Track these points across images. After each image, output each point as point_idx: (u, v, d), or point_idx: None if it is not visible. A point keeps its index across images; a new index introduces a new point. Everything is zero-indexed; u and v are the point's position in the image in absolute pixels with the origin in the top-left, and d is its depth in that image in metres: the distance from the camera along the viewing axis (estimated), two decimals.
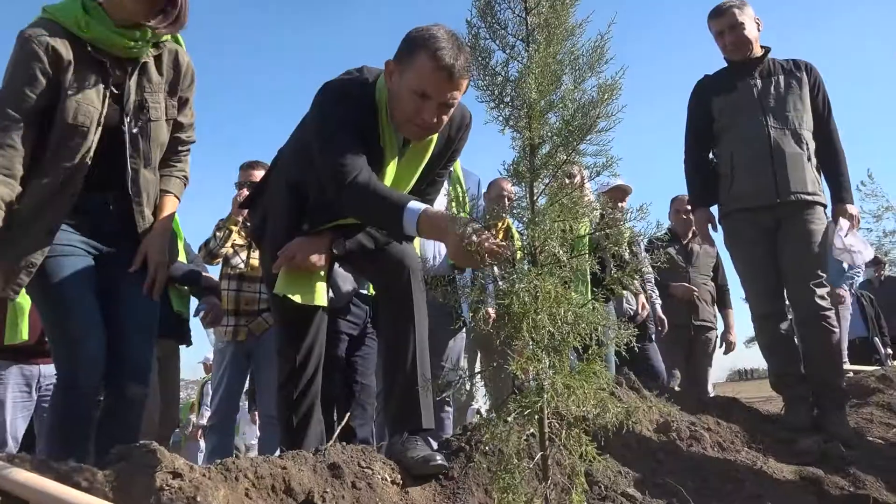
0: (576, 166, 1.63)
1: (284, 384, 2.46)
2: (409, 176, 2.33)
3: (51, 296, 2.21)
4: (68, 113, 2.16)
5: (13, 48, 2.17)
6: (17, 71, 2.14)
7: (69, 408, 2.20)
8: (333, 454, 2.07)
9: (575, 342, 1.63)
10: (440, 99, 2.07)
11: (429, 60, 2.02)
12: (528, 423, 1.67)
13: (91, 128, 2.21)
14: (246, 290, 3.98)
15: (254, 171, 4.08)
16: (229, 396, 4.04)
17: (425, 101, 2.07)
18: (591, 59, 1.57)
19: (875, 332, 7.80)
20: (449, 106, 2.11)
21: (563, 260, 1.62)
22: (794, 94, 3.57)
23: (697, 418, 3.23)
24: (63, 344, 2.22)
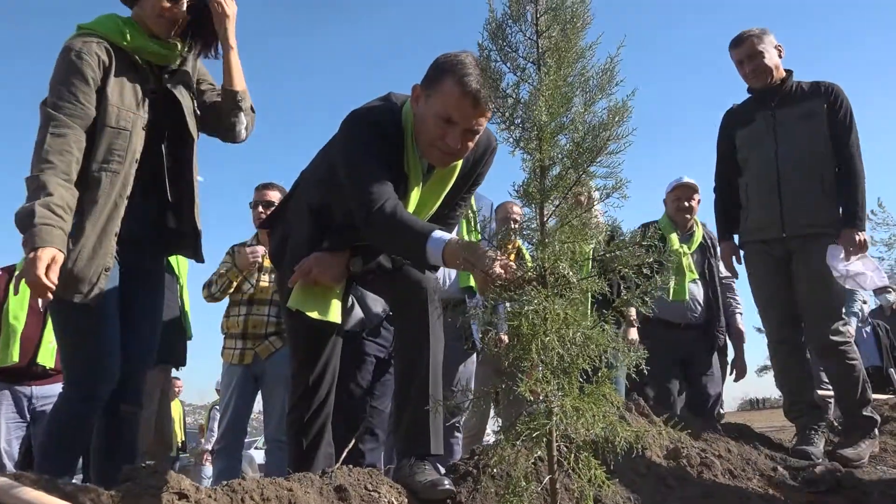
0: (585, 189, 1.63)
1: (296, 405, 2.44)
2: (432, 201, 2.34)
3: (82, 311, 2.20)
4: (111, 117, 2.22)
5: (61, 58, 2.22)
6: (71, 79, 2.17)
7: (82, 418, 2.22)
8: (340, 477, 2.05)
9: (584, 364, 1.61)
10: (466, 125, 2.08)
11: (455, 86, 2.03)
12: (537, 447, 1.65)
13: (133, 131, 2.27)
14: (254, 313, 3.98)
15: (268, 192, 4.13)
16: (236, 420, 4.02)
17: (451, 126, 2.08)
18: (601, 82, 1.58)
19: (890, 362, 7.69)
20: (475, 132, 2.12)
21: (573, 281, 1.61)
22: (810, 122, 3.55)
23: (708, 445, 3.18)
24: (85, 359, 2.23)
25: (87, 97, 2.19)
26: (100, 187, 2.19)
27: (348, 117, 2.25)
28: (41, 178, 2.05)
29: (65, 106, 2.15)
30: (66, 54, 2.21)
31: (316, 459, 2.41)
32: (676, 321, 4.46)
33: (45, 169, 2.06)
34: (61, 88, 2.17)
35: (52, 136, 2.09)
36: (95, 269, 2.17)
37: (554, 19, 1.57)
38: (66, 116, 2.14)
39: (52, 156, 2.08)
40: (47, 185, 2.04)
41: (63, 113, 2.13)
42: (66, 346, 2.33)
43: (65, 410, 2.25)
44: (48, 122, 2.11)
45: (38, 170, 2.07)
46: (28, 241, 1.97)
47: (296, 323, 2.37)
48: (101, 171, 2.20)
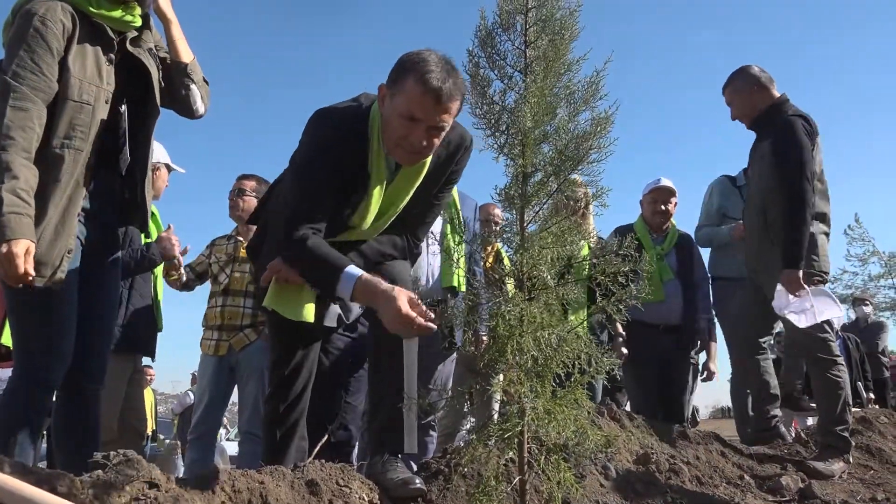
0: (581, 188, 1.66)
1: (272, 397, 2.45)
2: (401, 198, 2.32)
3: (41, 295, 2.10)
4: (73, 90, 2.09)
5: (22, 22, 2.05)
6: (35, 48, 2.02)
7: (37, 402, 2.15)
8: (312, 471, 2.06)
9: (557, 368, 1.65)
10: (430, 122, 2.07)
11: (417, 84, 2.02)
12: (508, 447, 1.69)
13: (96, 105, 2.16)
14: (230, 304, 3.97)
15: (245, 182, 4.12)
16: (211, 411, 4.01)
17: (415, 124, 2.07)
18: (586, 94, 1.61)
19: (858, 376, 7.84)
20: (439, 129, 2.11)
21: (551, 285, 1.65)
22: (764, 161, 3.58)
23: (678, 451, 3.24)
24: (38, 339, 2.14)
25: (50, 69, 2.03)
26: (63, 165, 2.07)
27: (313, 116, 2.24)
28: (4, 157, 1.91)
29: (28, 77, 1.99)
30: (27, 19, 2.03)
31: (289, 452, 2.42)
32: (655, 323, 4.40)
33: (7, 146, 1.92)
34: (24, 56, 2.00)
35: (12, 110, 1.95)
36: (58, 252, 2.08)
37: (543, 31, 1.61)
38: (29, 89, 1.98)
39: (13, 132, 1.93)
40: (11, 167, 1.92)
41: (26, 84, 1.98)
42: (20, 329, 2.20)
43: (17, 395, 2.16)
44: (8, 92, 1.96)
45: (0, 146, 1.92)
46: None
47: (273, 318, 2.38)
48: (64, 147, 2.07)
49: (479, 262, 3.61)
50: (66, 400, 2.32)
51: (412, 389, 2.26)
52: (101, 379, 2.39)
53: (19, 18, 2.08)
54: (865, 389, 7.83)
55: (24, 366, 2.17)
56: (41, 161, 2.03)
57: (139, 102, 2.36)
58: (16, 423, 2.13)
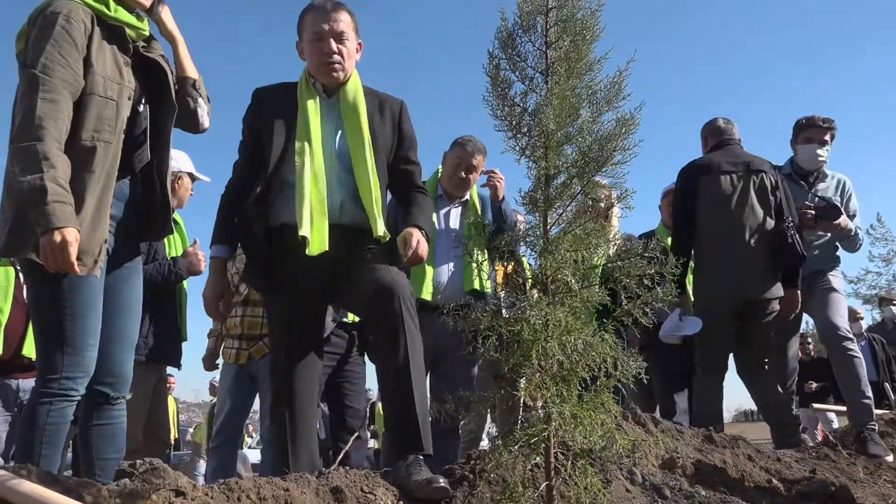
0: (604, 190, 1.64)
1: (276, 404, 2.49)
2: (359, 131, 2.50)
3: (66, 298, 2.12)
4: (98, 86, 2.13)
5: (46, 20, 2.08)
6: (62, 42, 2.05)
7: (61, 413, 2.14)
8: (336, 478, 2.06)
9: (583, 372, 1.62)
10: (330, 31, 2.46)
11: (307, 13, 2.52)
12: (535, 453, 1.66)
13: (120, 102, 2.19)
14: (249, 314, 3.99)
15: None
16: (232, 419, 4.02)
17: (321, 42, 2.47)
18: (608, 94, 1.59)
19: (886, 377, 7.70)
20: (339, 35, 2.47)
21: (575, 289, 1.63)
22: None
23: (703, 455, 3.19)
24: (63, 349, 2.12)
25: (76, 64, 2.07)
26: (95, 157, 2.10)
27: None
28: (40, 147, 1.93)
29: (57, 70, 2.02)
30: (52, 17, 2.08)
31: (298, 458, 2.44)
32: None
33: (42, 136, 1.94)
34: (52, 51, 2.04)
35: (43, 101, 1.97)
36: (97, 241, 2.10)
37: (564, 31, 1.59)
38: (59, 81, 2.01)
39: (46, 122, 1.96)
40: (49, 156, 1.93)
41: (55, 77, 2.01)
42: (45, 339, 2.17)
43: (42, 406, 2.13)
44: (37, 85, 1.99)
45: (33, 137, 1.94)
46: (43, 220, 1.89)
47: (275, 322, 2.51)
48: (95, 140, 2.10)
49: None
50: (90, 410, 2.33)
51: (423, 394, 2.26)
52: (125, 388, 2.40)
53: (42, 19, 2.11)
54: (893, 391, 7.68)
55: (48, 376, 2.15)
56: (73, 154, 2.06)
57: (155, 102, 2.40)
58: (41, 434, 2.12)
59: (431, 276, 3.37)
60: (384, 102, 2.63)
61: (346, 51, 2.50)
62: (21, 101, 2.01)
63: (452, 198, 3.64)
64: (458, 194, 3.63)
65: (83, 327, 2.14)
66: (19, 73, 2.08)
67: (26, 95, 2.00)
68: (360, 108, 2.53)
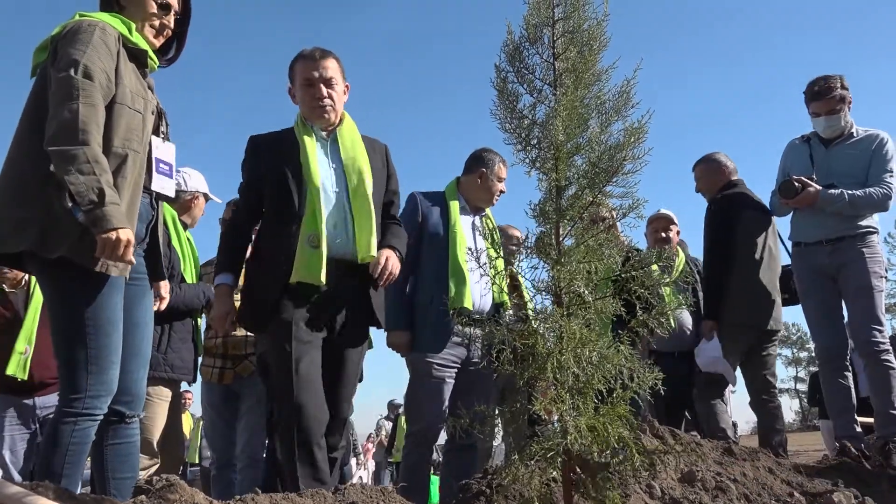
0: (604, 208, 1.64)
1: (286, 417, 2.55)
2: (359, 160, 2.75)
3: (89, 316, 2.12)
4: (126, 98, 2.20)
5: (84, 31, 2.14)
6: (100, 51, 2.13)
7: (84, 433, 2.13)
8: (353, 493, 2.05)
9: (599, 385, 1.61)
10: (320, 78, 2.69)
11: (297, 62, 2.77)
12: (551, 467, 1.64)
13: (145, 115, 2.27)
14: (232, 333, 3.91)
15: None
16: (223, 439, 3.98)
17: (311, 87, 2.70)
18: (617, 104, 1.59)
19: None
20: (328, 81, 2.71)
21: (588, 300, 1.62)
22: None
23: (723, 468, 3.14)
24: (87, 367, 2.11)
25: (111, 72, 2.16)
26: (127, 163, 2.16)
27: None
28: (88, 151, 1.99)
29: (96, 74, 2.09)
30: (89, 27, 2.15)
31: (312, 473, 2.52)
32: (669, 351, 4.48)
33: (88, 140, 2.00)
34: (92, 56, 2.10)
35: (85, 106, 2.03)
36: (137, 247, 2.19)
37: (571, 42, 1.59)
38: (97, 86, 2.08)
39: (90, 126, 2.02)
40: (98, 160, 2.01)
41: (95, 82, 2.07)
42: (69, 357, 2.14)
43: (66, 425, 2.11)
44: (78, 90, 2.04)
45: (79, 140, 1.99)
46: (103, 221, 1.94)
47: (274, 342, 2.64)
48: (126, 148, 2.17)
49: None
50: (105, 429, 2.32)
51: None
52: (139, 407, 2.40)
53: (77, 30, 2.16)
54: None
55: (72, 395, 2.14)
56: (108, 159, 2.11)
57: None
58: (63, 453, 2.10)
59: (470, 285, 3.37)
60: (373, 143, 2.91)
61: (335, 94, 2.75)
62: (60, 103, 2.03)
63: (476, 210, 3.65)
64: (485, 206, 3.66)
65: (107, 346, 2.15)
66: (53, 78, 2.10)
67: (66, 99, 2.02)
68: (358, 146, 2.79)
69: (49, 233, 2.04)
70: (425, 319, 3.36)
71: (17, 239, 2.04)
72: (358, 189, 2.70)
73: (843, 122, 3.93)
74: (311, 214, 2.60)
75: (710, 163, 4.38)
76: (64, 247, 2.03)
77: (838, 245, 3.84)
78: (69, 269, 2.06)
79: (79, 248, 2.02)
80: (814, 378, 9.00)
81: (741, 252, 4.05)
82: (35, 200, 2.07)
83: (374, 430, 11.57)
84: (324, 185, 2.67)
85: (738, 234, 4.07)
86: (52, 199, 2.03)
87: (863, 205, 3.81)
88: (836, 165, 3.92)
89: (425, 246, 3.48)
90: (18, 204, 2.08)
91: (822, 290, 3.91)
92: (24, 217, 2.06)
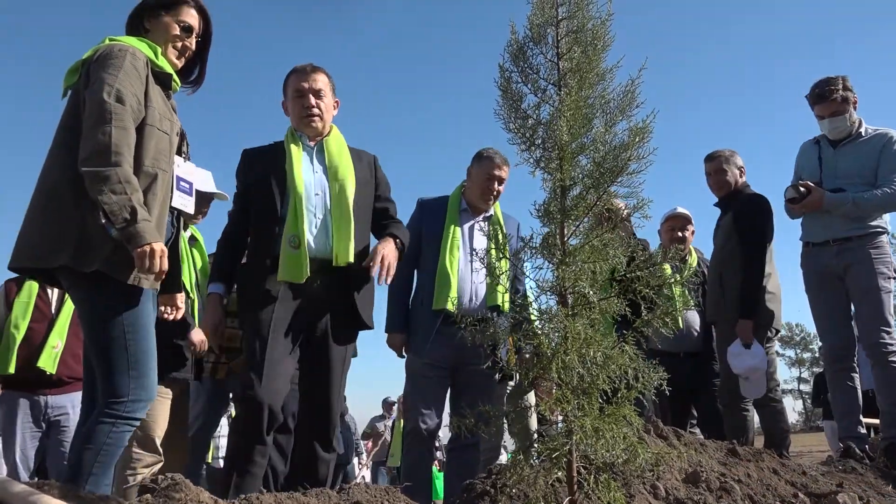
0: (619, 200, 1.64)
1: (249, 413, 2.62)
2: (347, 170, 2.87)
3: (128, 322, 2.17)
4: (155, 119, 2.29)
5: (116, 55, 2.24)
6: (131, 75, 2.23)
7: (119, 436, 2.15)
8: (357, 493, 2.05)
9: (604, 385, 1.60)
10: (308, 89, 2.87)
11: (290, 76, 2.95)
12: (556, 467, 1.64)
13: (171, 136, 2.35)
14: (228, 325, 3.84)
15: None
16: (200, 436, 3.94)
17: (301, 98, 2.88)
18: (621, 103, 1.59)
19: None
20: (317, 92, 2.89)
21: (593, 301, 1.61)
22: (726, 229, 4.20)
23: (728, 469, 3.13)
24: (129, 372, 2.15)
25: (141, 95, 2.26)
26: (157, 182, 2.25)
27: None
28: (121, 172, 2.09)
29: (127, 98, 2.19)
30: (121, 52, 2.25)
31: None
32: (675, 351, 4.44)
33: (120, 162, 2.11)
34: (124, 81, 2.21)
35: (117, 129, 2.13)
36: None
37: (575, 41, 1.59)
38: (128, 110, 2.17)
39: (122, 148, 2.12)
40: (130, 180, 2.11)
41: (126, 105, 2.17)
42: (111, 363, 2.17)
43: (103, 429, 2.11)
44: (111, 114, 2.14)
45: (112, 162, 2.09)
46: (138, 237, 2.06)
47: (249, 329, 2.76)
48: (155, 167, 2.26)
49: (522, 281, 3.61)
50: None
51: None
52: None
53: (109, 54, 2.24)
54: None
55: (114, 399, 2.14)
56: (139, 178, 2.21)
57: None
58: (96, 453, 2.10)
59: (456, 287, 3.41)
60: (360, 154, 3.04)
61: (323, 105, 2.92)
62: (94, 126, 2.12)
63: (478, 211, 3.66)
64: (485, 207, 3.66)
65: (145, 350, 2.21)
66: (87, 101, 2.19)
67: (100, 122, 2.13)
68: (343, 155, 2.91)
69: (84, 248, 2.11)
70: (416, 321, 3.46)
71: (54, 255, 2.12)
72: (340, 196, 2.80)
73: (848, 122, 3.90)
74: (293, 217, 2.72)
75: (724, 160, 4.30)
76: (98, 262, 2.10)
77: (845, 245, 3.82)
78: (104, 282, 2.13)
79: (112, 263, 2.11)
80: (818, 378, 8.98)
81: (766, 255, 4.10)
82: (69, 217, 2.14)
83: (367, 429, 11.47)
84: (307, 190, 2.79)
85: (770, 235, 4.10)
86: (85, 216, 2.12)
87: (870, 206, 3.79)
88: (843, 166, 3.89)
89: (423, 250, 3.55)
90: (53, 220, 2.16)
91: (829, 290, 3.89)
92: (59, 233, 2.14)
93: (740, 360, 3.97)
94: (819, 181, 3.92)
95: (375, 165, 3.10)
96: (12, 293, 4.08)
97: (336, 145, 2.94)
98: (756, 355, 3.95)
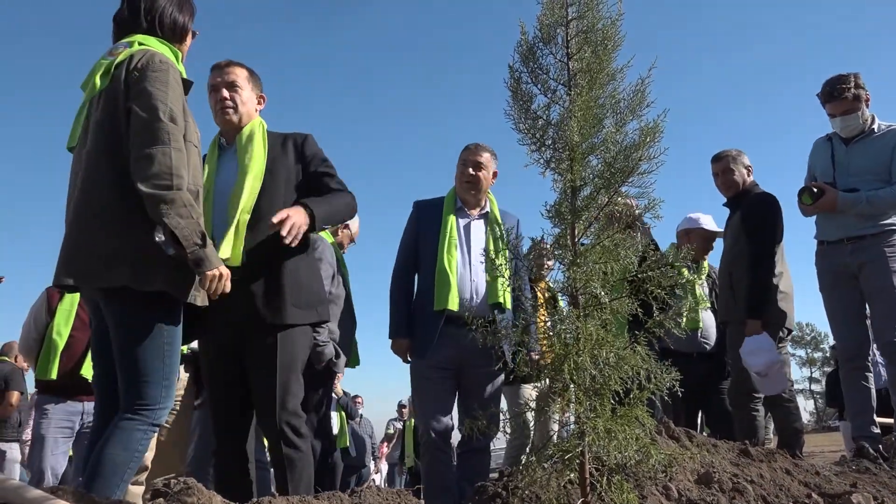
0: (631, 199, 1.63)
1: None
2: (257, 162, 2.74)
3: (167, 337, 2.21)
4: (191, 134, 2.31)
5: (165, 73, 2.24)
6: (179, 95, 2.26)
7: (146, 444, 2.17)
8: (369, 497, 2.05)
9: (616, 386, 1.60)
10: (221, 83, 2.82)
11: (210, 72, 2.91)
12: (569, 469, 1.64)
13: (200, 148, 2.38)
14: None
15: None
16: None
17: (215, 92, 2.84)
18: (632, 103, 1.58)
19: None
20: (228, 83, 2.83)
21: (604, 301, 1.61)
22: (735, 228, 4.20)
23: (740, 469, 3.11)
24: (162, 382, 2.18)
25: (184, 113, 2.29)
26: (198, 200, 2.28)
27: None
28: (183, 196, 2.15)
29: (178, 118, 2.23)
30: (165, 66, 2.26)
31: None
32: (689, 351, 4.43)
33: (181, 185, 2.16)
34: (174, 99, 2.24)
35: (176, 151, 2.17)
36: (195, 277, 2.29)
37: (585, 42, 1.58)
38: (180, 129, 2.22)
39: (181, 171, 2.17)
40: (192, 204, 2.17)
41: (178, 125, 2.21)
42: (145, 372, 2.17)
43: (134, 436, 2.12)
44: (169, 134, 2.17)
45: (175, 185, 2.13)
46: (207, 262, 2.14)
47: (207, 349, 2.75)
48: (195, 184, 2.29)
49: (525, 280, 3.58)
50: None
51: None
52: None
53: (153, 66, 2.23)
54: None
55: (146, 406, 2.16)
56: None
57: None
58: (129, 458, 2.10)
59: (456, 285, 3.38)
60: (287, 138, 2.92)
61: (238, 98, 2.84)
62: (150, 145, 2.13)
63: (471, 206, 3.60)
64: (472, 198, 3.57)
65: (174, 364, 2.24)
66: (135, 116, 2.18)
67: (157, 142, 2.14)
68: (253, 146, 2.79)
69: (144, 267, 2.12)
70: (419, 324, 3.42)
71: (113, 273, 2.11)
72: (232, 197, 2.68)
73: (860, 120, 3.87)
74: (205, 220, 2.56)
75: (737, 163, 4.29)
76: (160, 281, 2.13)
77: (859, 244, 3.79)
78: (158, 299, 2.15)
79: (174, 281, 2.15)
80: (832, 378, 8.89)
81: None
82: (123, 233, 2.14)
83: (385, 432, 11.59)
84: (216, 192, 2.73)
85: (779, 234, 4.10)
86: (140, 231, 2.13)
87: (884, 203, 3.76)
88: (856, 163, 3.86)
89: (421, 251, 3.51)
90: (107, 236, 2.14)
91: (843, 288, 3.86)
92: (115, 250, 2.13)
93: (756, 357, 3.90)
94: (832, 179, 3.89)
95: (304, 143, 2.92)
96: (55, 300, 4.09)
97: (247, 140, 2.81)
98: (768, 347, 3.90)
